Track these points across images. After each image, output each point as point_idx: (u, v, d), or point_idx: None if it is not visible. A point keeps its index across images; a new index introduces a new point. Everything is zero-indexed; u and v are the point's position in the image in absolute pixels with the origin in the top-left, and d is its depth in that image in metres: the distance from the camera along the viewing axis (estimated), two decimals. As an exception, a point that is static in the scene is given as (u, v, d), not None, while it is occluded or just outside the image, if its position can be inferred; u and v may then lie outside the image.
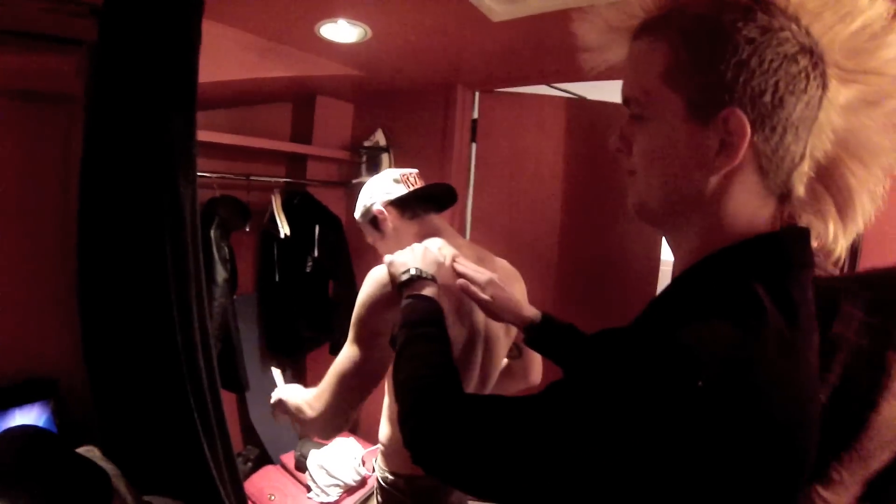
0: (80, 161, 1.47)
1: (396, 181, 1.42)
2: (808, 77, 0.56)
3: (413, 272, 1.08)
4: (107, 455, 1.42)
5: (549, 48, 2.16)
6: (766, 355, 0.52)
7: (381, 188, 1.42)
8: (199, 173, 1.63)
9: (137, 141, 1.44)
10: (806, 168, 0.61)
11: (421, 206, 1.43)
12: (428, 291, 1.05)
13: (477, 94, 2.87)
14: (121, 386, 1.58)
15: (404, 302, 1.03)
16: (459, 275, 1.21)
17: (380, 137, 3.08)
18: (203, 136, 2.18)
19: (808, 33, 0.56)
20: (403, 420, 0.77)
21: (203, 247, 1.84)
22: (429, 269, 1.11)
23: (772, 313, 0.54)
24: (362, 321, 1.23)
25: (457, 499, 1.47)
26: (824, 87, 0.58)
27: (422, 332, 0.92)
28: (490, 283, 1.20)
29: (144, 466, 1.65)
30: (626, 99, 0.67)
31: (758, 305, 0.54)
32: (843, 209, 0.64)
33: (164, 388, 1.58)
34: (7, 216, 1.91)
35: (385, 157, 3.04)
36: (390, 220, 1.41)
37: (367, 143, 3.10)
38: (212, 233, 2.37)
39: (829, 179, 0.63)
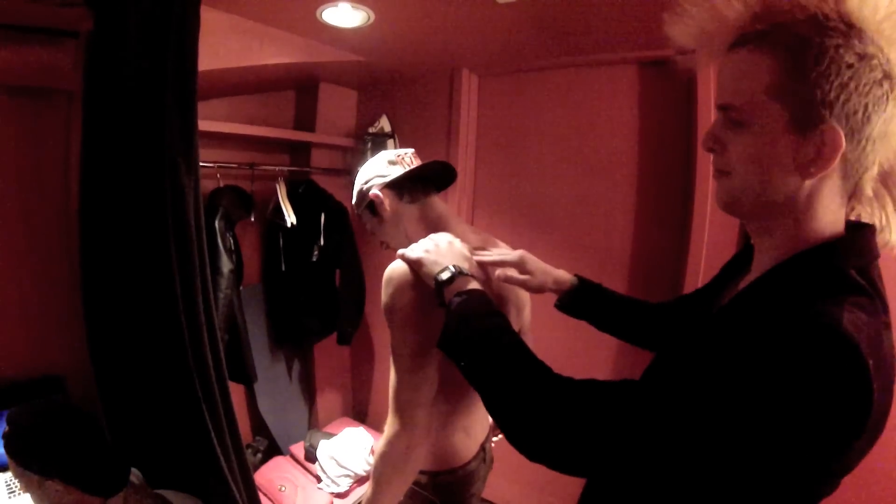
0: (80, 155, 1.44)
1: (391, 162, 1.35)
2: (888, 98, 0.64)
3: (453, 269, 1.03)
4: (116, 449, 1.41)
5: (555, 30, 2.12)
6: (886, 333, 0.63)
7: (376, 171, 1.35)
8: (201, 163, 1.60)
9: (137, 132, 1.41)
10: (875, 173, 0.70)
11: (420, 188, 1.35)
12: (473, 286, 1.00)
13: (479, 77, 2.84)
14: (127, 381, 1.57)
15: (455, 300, 0.96)
16: (487, 264, 1.21)
17: (384, 124, 3.04)
18: (205, 125, 2.16)
19: (888, 59, 0.63)
20: (516, 414, 0.78)
21: (208, 238, 1.82)
22: (463, 265, 1.07)
23: (876, 299, 0.64)
24: (415, 328, 1.13)
25: (476, 490, 1.46)
26: (890, 104, 0.65)
27: (495, 324, 0.89)
28: (521, 258, 1.24)
29: (154, 460, 1.64)
30: (727, 105, 0.72)
31: (867, 292, 0.64)
32: None
33: (171, 382, 1.57)
34: (9, 214, 1.90)
35: (390, 144, 3.01)
36: (388, 203, 1.33)
37: (371, 130, 3.06)
38: (216, 223, 2.35)
39: (890, 181, 0.73)
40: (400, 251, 1.15)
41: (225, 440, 1.74)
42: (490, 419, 1.62)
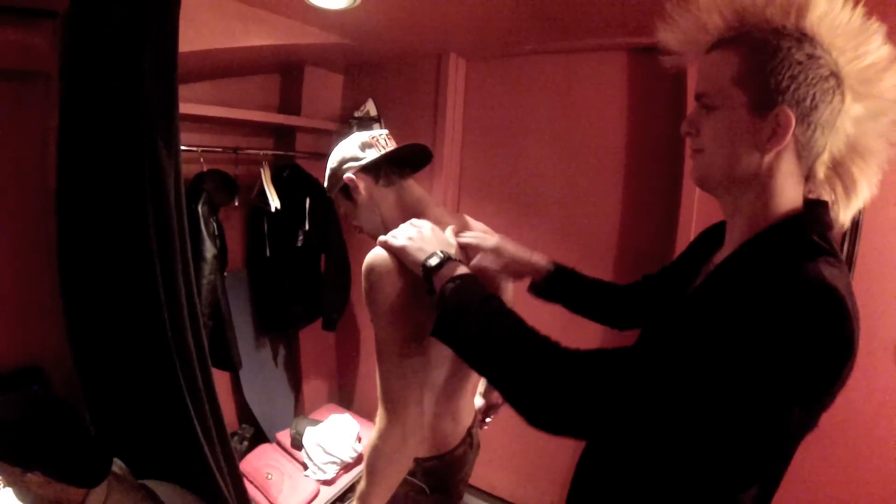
0: (57, 138, 1.40)
1: (366, 145, 1.31)
2: (833, 93, 0.78)
3: (441, 255, 1.04)
4: (98, 440, 1.39)
5: (544, 14, 2.09)
6: (850, 282, 0.73)
7: (350, 153, 1.32)
8: (184, 147, 1.57)
9: (115, 115, 1.37)
10: (825, 158, 0.84)
11: (396, 171, 1.33)
12: (461, 271, 1.01)
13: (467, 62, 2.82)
14: (109, 370, 1.54)
15: (449, 286, 0.97)
16: (463, 246, 1.23)
17: (370, 108, 3.01)
18: (188, 108, 2.12)
19: (836, 62, 0.79)
20: (530, 389, 0.84)
21: (190, 223, 1.78)
22: (450, 250, 1.07)
23: (840, 260, 0.75)
24: (401, 317, 1.12)
25: (464, 475, 1.47)
26: (843, 101, 0.80)
27: (495, 308, 0.93)
28: (497, 247, 1.27)
29: (137, 451, 1.62)
30: (701, 94, 0.87)
31: (834, 254, 0.75)
32: (848, 191, 0.87)
33: (153, 370, 1.54)
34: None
35: (376, 128, 2.95)
36: (363, 188, 1.30)
37: (357, 114, 3.02)
38: (199, 208, 2.30)
39: (840, 169, 0.86)
40: (381, 238, 1.14)
41: (209, 428, 1.72)
42: (476, 404, 1.63)
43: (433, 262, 1.03)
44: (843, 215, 0.88)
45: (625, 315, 1.35)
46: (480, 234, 1.30)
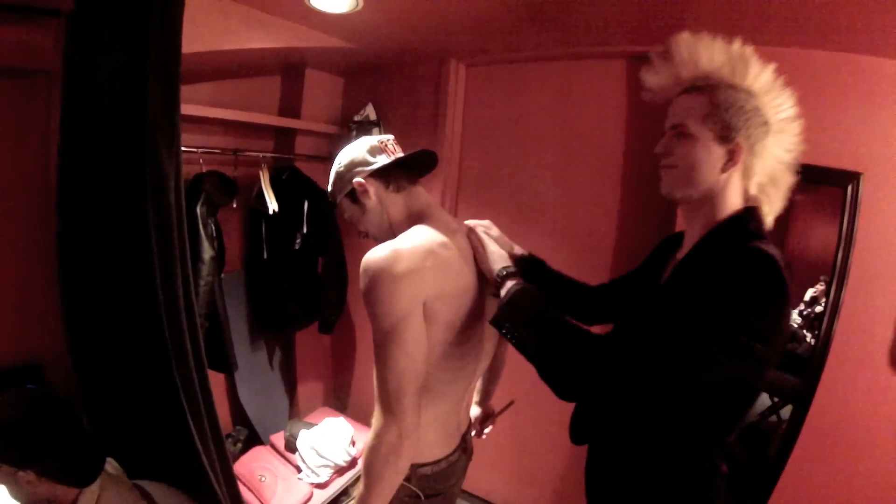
0: (59, 136, 1.40)
1: (376, 150, 1.32)
2: (765, 135, 1.11)
3: (512, 267, 1.25)
4: (92, 439, 1.38)
5: (544, 20, 2.10)
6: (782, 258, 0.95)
7: (360, 157, 1.32)
8: (184, 148, 1.56)
9: (117, 115, 1.37)
10: (756, 180, 1.13)
11: (405, 177, 1.34)
12: (522, 283, 1.21)
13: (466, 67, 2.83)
14: (106, 370, 1.54)
15: (514, 288, 1.18)
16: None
17: (370, 111, 3.01)
18: (189, 109, 2.12)
19: (767, 114, 1.11)
20: (567, 370, 1.05)
21: (189, 224, 1.78)
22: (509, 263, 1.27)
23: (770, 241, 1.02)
24: (402, 316, 1.14)
25: (457, 481, 1.47)
26: (767, 141, 1.11)
27: (546, 308, 1.14)
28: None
29: (132, 450, 1.62)
30: (677, 125, 1.13)
31: (767, 239, 1.01)
32: (771, 204, 1.18)
33: (149, 371, 1.54)
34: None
35: (375, 132, 2.98)
36: (373, 192, 1.31)
37: (357, 118, 3.03)
38: (198, 209, 2.30)
39: (766, 188, 1.16)
40: (475, 226, 1.38)
41: (204, 429, 1.71)
42: (472, 413, 1.64)
43: (511, 269, 1.24)
44: (769, 219, 1.17)
45: (591, 312, 1.54)
46: (487, 223, 1.50)
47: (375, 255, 1.13)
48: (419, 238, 1.21)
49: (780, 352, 0.96)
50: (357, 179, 1.30)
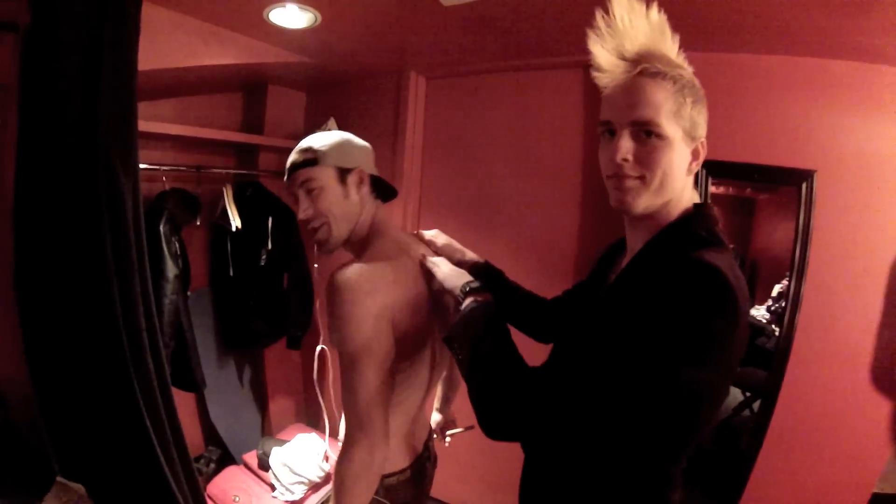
0: (15, 155, 1.39)
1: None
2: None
3: (474, 283, 1.14)
4: (59, 463, 1.36)
5: (500, 32, 2.14)
6: (734, 263, 0.84)
7: (369, 155, 1.40)
8: (146, 165, 1.56)
9: (69, 132, 1.36)
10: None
11: (381, 194, 1.41)
12: (483, 297, 1.12)
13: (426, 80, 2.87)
14: (67, 392, 1.51)
15: (471, 304, 1.09)
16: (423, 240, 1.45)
17: (332, 126, 3.01)
18: (150, 126, 2.11)
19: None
20: (504, 404, 0.91)
21: (152, 242, 1.77)
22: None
23: (725, 247, 0.90)
24: (380, 333, 1.16)
25: (425, 488, 1.48)
26: None
27: (496, 329, 1.02)
28: (444, 244, 1.48)
29: (99, 475, 1.59)
30: (646, 122, 0.90)
31: (716, 243, 0.89)
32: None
33: (111, 392, 1.51)
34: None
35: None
36: (364, 189, 1.34)
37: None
38: (161, 227, 2.28)
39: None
40: (430, 261, 1.28)
41: (170, 450, 1.69)
42: (432, 420, 1.66)
43: (474, 285, 1.13)
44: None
45: (544, 327, 1.43)
46: (435, 231, 1.51)
47: (345, 273, 1.14)
48: (382, 254, 1.26)
49: (730, 369, 0.84)
50: (362, 168, 1.34)
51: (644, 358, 0.78)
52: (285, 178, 1.42)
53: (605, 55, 0.96)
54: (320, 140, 1.35)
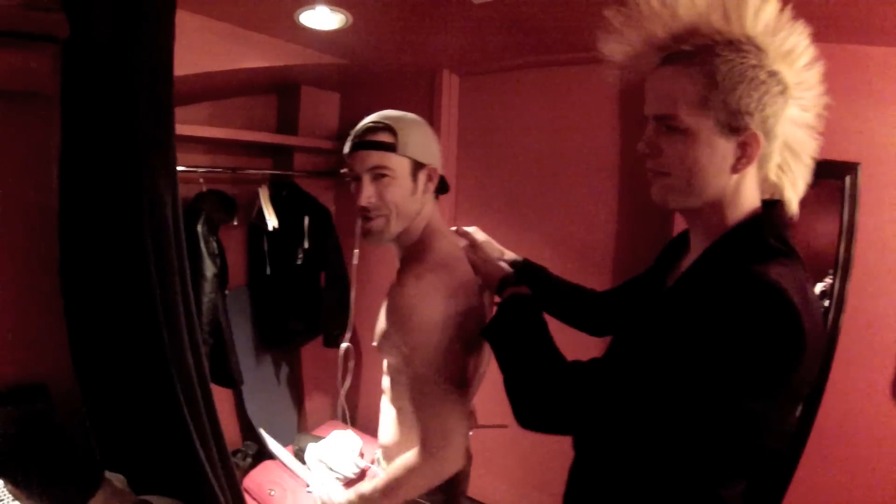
0: (59, 161, 1.44)
1: None
2: (785, 104, 0.82)
3: (511, 278, 1.19)
4: (102, 457, 1.40)
5: (532, 29, 2.12)
6: (808, 283, 0.78)
7: (439, 152, 1.35)
8: (184, 168, 1.60)
9: (111, 138, 1.41)
10: (774, 164, 0.87)
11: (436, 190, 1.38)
12: (523, 290, 1.14)
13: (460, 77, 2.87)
14: (110, 387, 1.57)
15: (507, 297, 1.12)
16: (462, 234, 1.47)
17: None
18: (187, 129, 2.16)
19: (784, 74, 0.81)
20: (529, 397, 0.92)
21: (190, 242, 1.81)
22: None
23: (795, 258, 0.80)
24: (462, 341, 1.17)
25: (464, 488, 1.47)
26: (787, 108, 0.83)
27: (535, 321, 1.03)
28: (483, 241, 1.48)
29: (138, 466, 1.64)
30: (664, 115, 0.85)
31: (786, 254, 0.79)
32: (794, 184, 0.90)
33: (152, 388, 1.56)
34: (-10, 219, 1.87)
35: (373, 146, 3.00)
36: (430, 188, 1.31)
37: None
38: (199, 228, 2.34)
39: (784, 167, 0.89)
40: (472, 258, 1.33)
41: (209, 444, 1.73)
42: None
43: (510, 279, 1.18)
44: (794, 206, 0.91)
45: (596, 320, 1.39)
46: (474, 229, 1.51)
47: (417, 285, 1.12)
48: (444, 260, 1.22)
49: (792, 397, 0.80)
50: (435, 167, 1.31)
51: (699, 382, 0.74)
52: (346, 149, 1.32)
53: (623, 50, 0.94)
54: (401, 122, 1.25)
